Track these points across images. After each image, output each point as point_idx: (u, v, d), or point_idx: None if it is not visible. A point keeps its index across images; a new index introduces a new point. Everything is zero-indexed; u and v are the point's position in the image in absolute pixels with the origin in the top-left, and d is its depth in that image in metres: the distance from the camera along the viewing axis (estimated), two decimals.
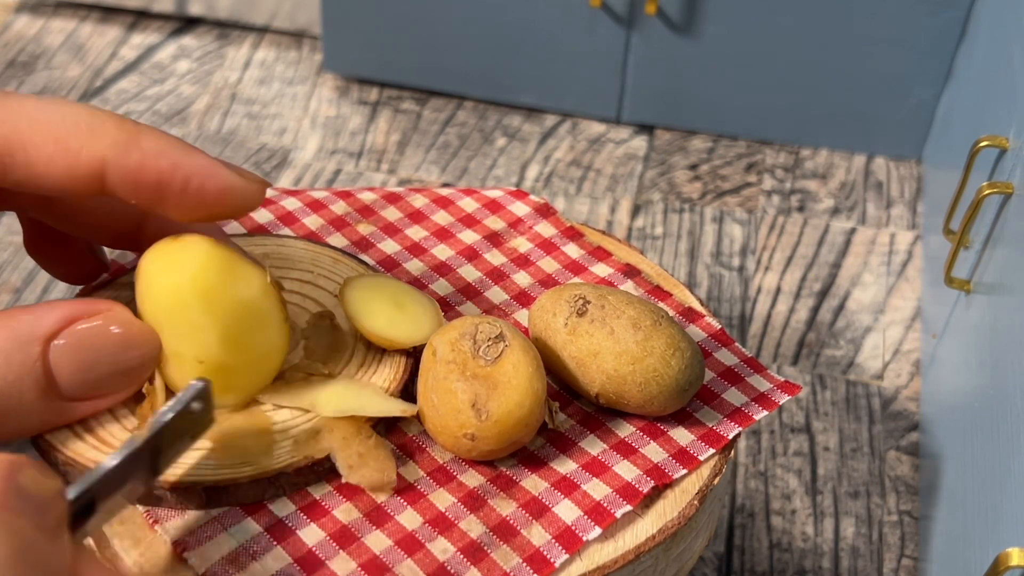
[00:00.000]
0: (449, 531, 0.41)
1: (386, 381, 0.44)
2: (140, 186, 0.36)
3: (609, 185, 1.11)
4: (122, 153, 0.35)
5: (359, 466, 0.41)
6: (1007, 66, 0.81)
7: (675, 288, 0.52)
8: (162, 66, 1.25)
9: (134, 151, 0.35)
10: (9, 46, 1.27)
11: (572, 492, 0.42)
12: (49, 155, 0.35)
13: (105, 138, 0.35)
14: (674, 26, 1.10)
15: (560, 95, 1.17)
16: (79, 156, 0.35)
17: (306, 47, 1.28)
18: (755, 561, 0.81)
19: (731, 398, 0.47)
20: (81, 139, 0.35)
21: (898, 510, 0.84)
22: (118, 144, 0.35)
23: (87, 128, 0.35)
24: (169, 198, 0.36)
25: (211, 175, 0.36)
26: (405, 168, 1.13)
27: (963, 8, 1.04)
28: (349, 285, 0.45)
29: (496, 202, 0.56)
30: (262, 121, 1.18)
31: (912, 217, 1.09)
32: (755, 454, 0.87)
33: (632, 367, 0.43)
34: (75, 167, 0.35)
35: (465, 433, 0.41)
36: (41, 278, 1.00)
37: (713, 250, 1.05)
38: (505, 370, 0.42)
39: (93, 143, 0.35)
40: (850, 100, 1.12)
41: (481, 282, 0.52)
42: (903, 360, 0.95)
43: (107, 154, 0.35)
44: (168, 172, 0.35)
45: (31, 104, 0.35)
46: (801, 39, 1.09)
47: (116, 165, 0.35)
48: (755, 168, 1.14)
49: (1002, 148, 0.75)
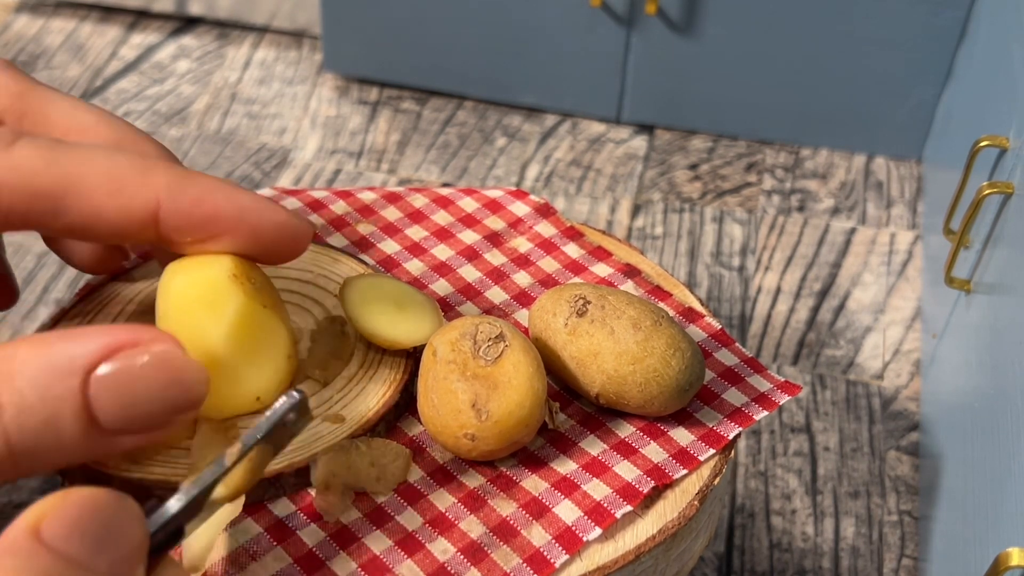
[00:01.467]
0: (449, 531, 0.41)
1: (386, 381, 0.44)
2: (196, 222, 0.35)
3: (609, 185, 1.11)
4: (177, 192, 0.35)
5: (324, 491, 0.42)
6: (1007, 66, 0.81)
7: (675, 288, 0.52)
8: (162, 66, 1.25)
9: (189, 188, 0.35)
10: (9, 46, 1.27)
11: (572, 492, 0.42)
12: (103, 199, 0.34)
13: (158, 179, 0.35)
14: (674, 26, 1.10)
15: (560, 95, 1.17)
16: (133, 199, 0.35)
17: (306, 47, 1.28)
18: (755, 561, 0.81)
19: (731, 398, 0.47)
20: (135, 181, 0.35)
21: (898, 510, 0.84)
22: (172, 184, 0.35)
23: (140, 171, 0.35)
24: (225, 233, 0.36)
25: (266, 209, 0.36)
26: (405, 168, 1.12)
27: (963, 8, 1.04)
28: (349, 285, 0.45)
29: (496, 202, 0.56)
30: (262, 121, 1.18)
31: (912, 217, 1.09)
32: (755, 454, 0.87)
33: (632, 367, 0.43)
34: (129, 209, 0.35)
35: (465, 433, 0.41)
36: (41, 278, 1.00)
37: (713, 250, 1.05)
38: (505, 370, 0.41)
39: (147, 184, 0.35)
40: (850, 100, 1.12)
41: (481, 282, 0.52)
42: (903, 360, 0.95)
43: (161, 195, 0.35)
44: (224, 205, 0.35)
45: (84, 148, 0.35)
46: (801, 39, 1.09)
47: (171, 205, 0.35)
48: (755, 168, 1.14)
49: (1002, 148, 0.75)
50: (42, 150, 0.34)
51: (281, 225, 0.36)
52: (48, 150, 0.34)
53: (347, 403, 0.44)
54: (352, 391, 0.44)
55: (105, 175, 0.35)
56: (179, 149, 1.14)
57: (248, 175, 1.11)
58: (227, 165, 1.12)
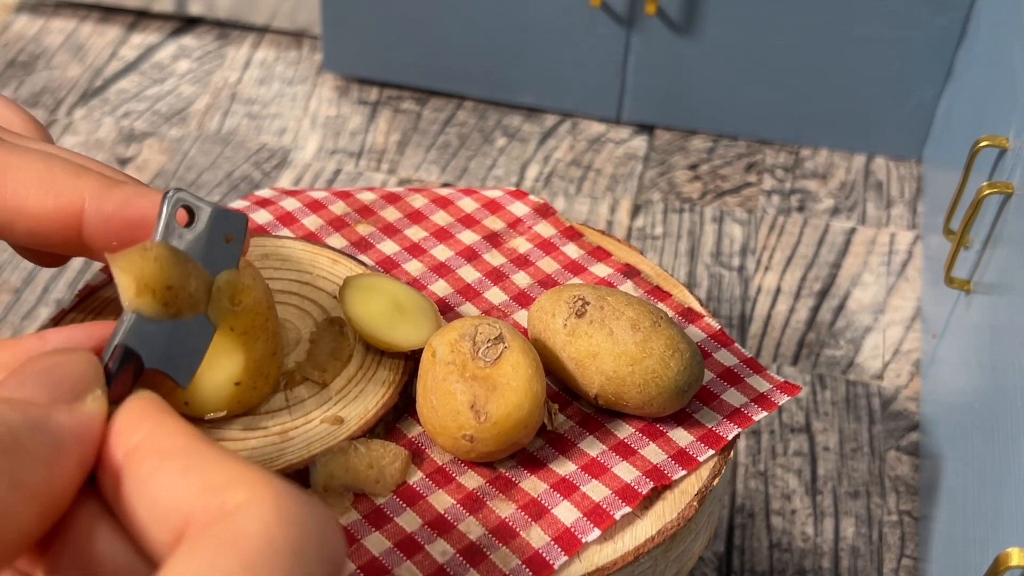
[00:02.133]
0: (448, 533, 0.41)
1: (385, 382, 0.44)
2: (118, 227, 0.36)
3: (609, 185, 1.11)
4: (102, 194, 0.35)
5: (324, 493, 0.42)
6: (1007, 66, 0.81)
7: (675, 288, 0.52)
8: (162, 66, 1.25)
9: (115, 191, 0.35)
10: (9, 46, 1.27)
11: (571, 494, 0.42)
12: (28, 194, 0.35)
13: (86, 182, 0.35)
14: (674, 26, 1.10)
15: (560, 95, 1.17)
16: (59, 197, 0.35)
17: (306, 47, 1.28)
18: (755, 561, 0.81)
19: (730, 399, 0.47)
20: (64, 181, 0.35)
21: (898, 510, 0.84)
22: (98, 187, 0.35)
23: (71, 174, 0.35)
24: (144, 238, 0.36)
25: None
26: (405, 168, 1.12)
27: (963, 8, 1.04)
28: (348, 285, 0.45)
29: (495, 202, 0.56)
30: (262, 121, 1.18)
31: (912, 217, 1.09)
32: (755, 454, 0.87)
33: (631, 368, 0.43)
34: (54, 208, 0.35)
35: (464, 435, 0.41)
36: (41, 278, 1.00)
37: (713, 250, 1.05)
38: (504, 371, 0.41)
39: (75, 186, 0.35)
40: (850, 100, 1.12)
41: (480, 283, 0.52)
42: (903, 360, 0.95)
43: (87, 196, 0.35)
44: (148, 210, 0.35)
45: (20, 146, 0.35)
46: (801, 39, 1.09)
47: (95, 207, 0.35)
48: (755, 168, 1.14)
49: (1002, 148, 0.75)
50: None
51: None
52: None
53: (346, 404, 0.44)
54: (351, 392, 0.44)
55: (35, 172, 0.35)
56: (179, 149, 1.14)
57: (248, 175, 1.11)
58: (227, 165, 1.12)
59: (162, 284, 0.31)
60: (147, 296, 0.31)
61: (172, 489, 0.25)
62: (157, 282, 0.31)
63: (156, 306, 0.31)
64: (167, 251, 0.32)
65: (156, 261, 0.31)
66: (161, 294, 0.31)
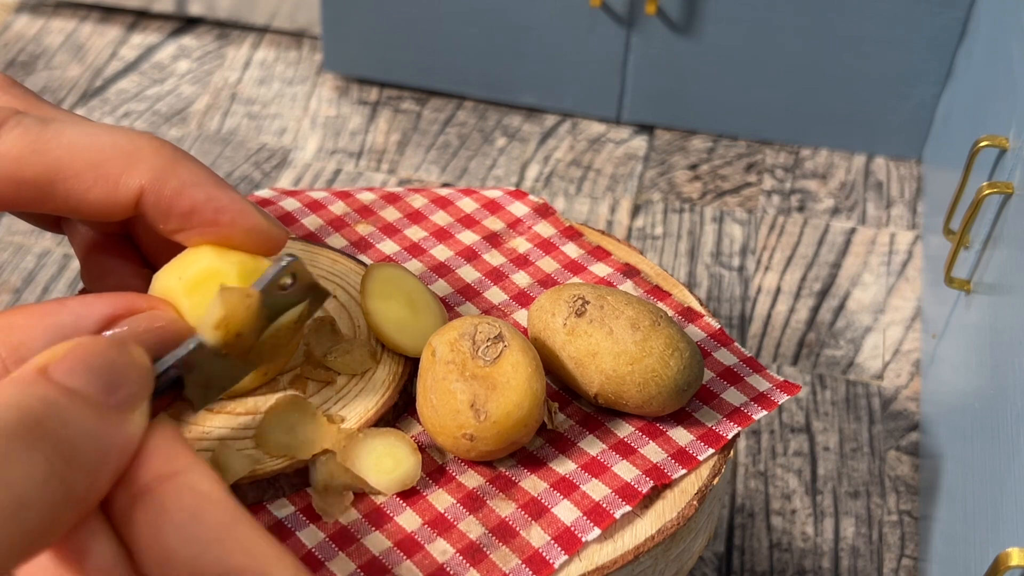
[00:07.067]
0: (448, 532, 0.41)
1: (385, 381, 0.44)
2: (172, 214, 0.36)
3: (609, 185, 1.11)
4: (159, 183, 0.35)
5: (323, 492, 0.42)
6: (1007, 66, 0.81)
7: (674, 288, 0.52)
8: (162, 66, 1.25)
9: (171, 179, 0.35)
10: (9, 46, 1.27)
11: (571, 493, 0.42)
12: (88, 184, 0.35)
13: (142, 167, 0.35)
14: (674, 26, 1.10)
15: (560, 95, 1.17)
16: (117, 183, 0.35)
17: (306, 47, 1.28)
18: (755, 561, 0.81)
19: (730, 398, 0.47)
20: (120, 166, 0.35)
21: (898, 510, 0.84)
22: (156, 171, 0.35)
23: (126, 154, 0.35)
24: (197, 227, 0.36)
25: (242, 212, 0.36)
26: (405, 168, 1.12)
27: (963, 8, 1.04)
28: (371, 275, 0.46)
29: (495, 202, 0.56)
30: (262, 121, 1.18)
31: (912, 217, 1.09)
32: (755, 454, 0.87)
33: (631, 367, 0.43)
34: (113, 194, 0.35)
35: (464, 434, 0.41)
36: (41, 278, 1.00)
37: (713, 250, 1.05)
38: (504, 370, 0.41)
39: (131, 170, 0.35)
40: (850, 100, 1.12)
41: (480, 282, 0.52)
42: (903, 360, 0.95)
43: (145, 182, 0.35)
44: (202, 203, 0.36)
45: (71, 131, 0.35)
46: (801, 39, 1.09)
47: (152, 196, 0.35)
48: (755, 168, 1.14)
49: (1002, 148, 0.75)
50: (29, 135, 0.34)
51: (252, 230, 0.37)
52: (36, 135, 0.34)
53: (347, 403, 0.44)
54: (351, 391, 0.44)
55: (89, 162, 0.35)
56: None
57: (248, 175, 1.11)
58: (227, 165, 1.12)
59: (236, 329, 0.33)
60: (221, 332, 0.32)
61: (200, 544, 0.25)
62: (237, 326, 0.33)
63: (219, 343, 0.32)
64: (260, 305, 0.33)
65: (248, 310, 0.33)
66: (231, 338, 0.32)
